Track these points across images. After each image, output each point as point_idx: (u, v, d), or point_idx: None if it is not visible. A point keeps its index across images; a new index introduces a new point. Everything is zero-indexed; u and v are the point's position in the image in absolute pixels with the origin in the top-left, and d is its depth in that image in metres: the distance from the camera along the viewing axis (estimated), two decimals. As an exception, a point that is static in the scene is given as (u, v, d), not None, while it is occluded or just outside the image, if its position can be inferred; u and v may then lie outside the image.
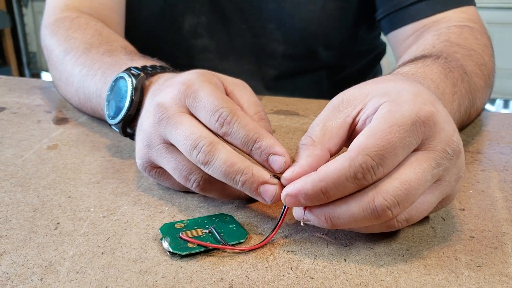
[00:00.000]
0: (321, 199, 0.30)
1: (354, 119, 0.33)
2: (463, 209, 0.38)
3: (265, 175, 0.33)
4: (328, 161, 0.33)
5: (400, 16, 0.66)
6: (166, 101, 0.37)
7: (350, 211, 0.30)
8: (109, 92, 0.47)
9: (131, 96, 0.43)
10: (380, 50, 0.87)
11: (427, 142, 0.31)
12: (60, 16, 0.63)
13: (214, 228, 0.34)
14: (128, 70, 0.45)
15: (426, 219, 0.36)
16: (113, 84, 0.46)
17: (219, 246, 0.32)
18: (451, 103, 0.43)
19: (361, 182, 0.29)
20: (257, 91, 0.75)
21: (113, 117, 0.46)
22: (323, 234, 0.35)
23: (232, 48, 0.75)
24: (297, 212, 0.33)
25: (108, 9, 0.67)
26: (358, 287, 0.29)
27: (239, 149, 0.35)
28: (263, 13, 0.72)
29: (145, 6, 0.73)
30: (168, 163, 0.37)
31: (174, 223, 0.35)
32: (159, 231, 0.34)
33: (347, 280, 0.30)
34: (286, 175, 0.32)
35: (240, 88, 0.40)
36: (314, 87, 0.79)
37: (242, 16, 0.73)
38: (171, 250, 0.32)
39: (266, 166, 0.34)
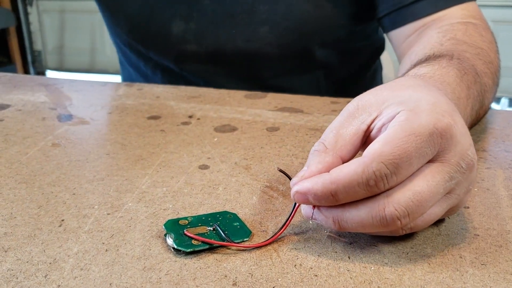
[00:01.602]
0: (330, 201, 0.30)
1: (368, 126, 0.33)
2: (468, 207, 0.38)
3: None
4: None
5: (402, 15, 0.65)
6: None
7: (360, 217, 0.30)
8: None
9: None
10: (378, 46, 0.86)
11: (442, 154, 0.30)
12: None
13: (218, 226, 0.34)
14: None
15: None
16: None
17: (224, 243, 0.32)
18: (465, 108, 0.43)
19: (372, 189, 0.29)
20: (252, 92, 0.75)
21: None
22: (327, 232, 0.35)
23: (223, 54, 0.73)
24: (306, 210, 0.33)
25: None
26: (362, 285, 0.29)
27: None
28: (255, 17, 0.70)
29: (131, 12, 0.72)
30: None
31: (178, 219, 0.35)
32: (163, 227, 0.34)
33: (351, 278, 0.30)
34: (295, 180, 0.32)
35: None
36: (312, 86, 0.78)
37: (233, 21, 0.71)
38: (175, 247, 0.32)
39: None
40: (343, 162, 0.33)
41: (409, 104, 0.31)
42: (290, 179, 0.34)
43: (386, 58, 0.96)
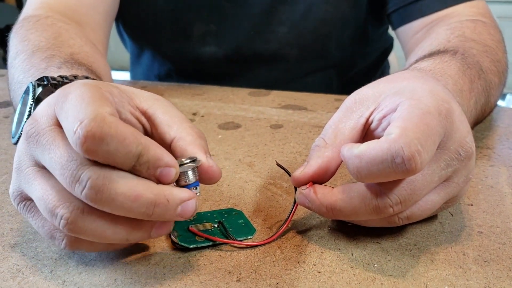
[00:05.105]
0: (357, 178, 0.29)
1: (367, 120, 0.33)
2: (472, 205, 0.38)
3: (179, 193, 0.28)
4: (340, 162, 0.33)
5: (410, 11, 0.65)
6: (38, 111, 0.29)
7: (352, 204, 0.30)
8: (19, 106, 0.40)
9: (29, 110, 0.37)
10: (387, 46, 0.87)
11: (442, 141, 0.30)
12: (30, 14, 0.59)
13: (222, 223, 0.34)
14: (39, 79, 0.39)
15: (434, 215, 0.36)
16: (23, 96, 0.40)
17: (227, 240, 0.33)
18: (468, 100, 0.43)
19: (400, 169, 0.27)
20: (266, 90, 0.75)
21: (13, 136, 0.38)
22: (330, 229, 0.35)
23: (241, 55, 0.74)
24: (300, 198, 0.33)
25: (87, 7, 0.62)
26: (365, 282, 0.29)
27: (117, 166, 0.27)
28: (274, 17, 0.71)
29: (152, 15, 0.73)
30: (35, 191, 0.28)
31: (182, 216, 0.35)
32: (168, 224, 0.35)
33: (354, 275, 0.30)
34: (295, 174, 0.33)
35: (162, 104, 0.32)
36: (324, 86, 0.78)
37: (252, 22, 0.71)
38: (179, 243, 0.32)
39: (152, 180, 0.28)
40: None
41: (406, 93, 0.31)
42: (288, 174, 0.34)
43: (392, 57, 0.96)
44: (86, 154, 0.26)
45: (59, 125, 0.28)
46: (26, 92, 0.39)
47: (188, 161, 0.29)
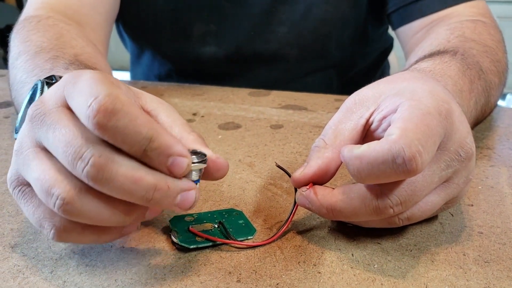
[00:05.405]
0: (357, 178, 0.29)
1: (367, 120, 0.33)
2: (472, 205, 0.38)
3: (181, 182, 0.27)
4: (340, 163, 0.33)
5: (410, 11, 0.65)
6: (45, 95, 0.29)
7: (353, 205, 0.30)
8: (26, 102, 0.40)
9: None
10: (387, 46, 0.87)
11: (442, 141, 0.30)
12: (31, 14, 0.59)
13: (223, 223, 0.34)
14: (48, 78, 0.39)
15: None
16: (30, 92, 0.40)
17: (227, 241, 0.33)
18: (468, 101, 0.43)
19: (401, 169, 0.27)
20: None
21: (17, 131, 0.38)
22: (330, 230, 0.35)
23: (241, 55, 0.74)
24: (301, 199, 0.33)
25: (88, 7, 0.62)
26: (365, 282, 0.29)
27: (125, 150, 0.26)
28: (274, 17, 0.71)
29: (152, 15, 0.73)
30: (32, 172, 0.28)
31: (184, 216, 0.35)
32: (169, 222, 0.35)
33: (354, 275, 0.30)
34: (295, 175, 0.33)
35: (166, 108, 0.32)
36: (324, 86, 0.78)
37: (252, 22, 0.72)
38: (179, 243, 0.32)
39: (163, 170, 0.27)
40: None
41: (406, 94, 0.31)
42: (288, 175, 0.34)
43: (392, 57, 0.97)
44: (96, 129, 0.25)
45: (66, 107, 0.28)
46: (34, 88, 0.39)
47: (194, 157, 0.28)
